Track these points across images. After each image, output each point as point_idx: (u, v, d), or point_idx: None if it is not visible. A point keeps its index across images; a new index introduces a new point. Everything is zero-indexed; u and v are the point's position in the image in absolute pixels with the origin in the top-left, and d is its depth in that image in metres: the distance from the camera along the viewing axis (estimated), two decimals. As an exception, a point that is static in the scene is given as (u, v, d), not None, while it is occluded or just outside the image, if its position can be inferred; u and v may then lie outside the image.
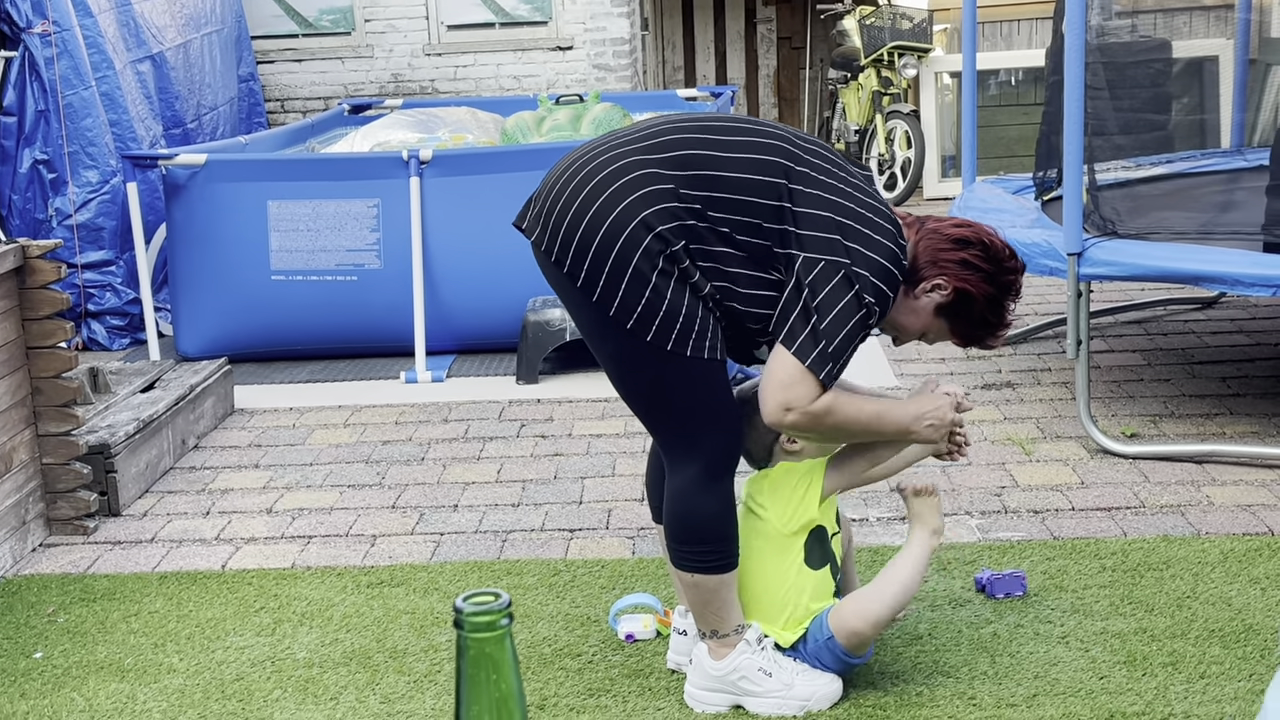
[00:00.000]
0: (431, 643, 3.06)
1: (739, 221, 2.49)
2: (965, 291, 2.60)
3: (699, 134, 2.54)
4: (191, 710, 2.80)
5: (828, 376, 2.46)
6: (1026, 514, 3.65)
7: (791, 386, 2.46)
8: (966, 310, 2.63)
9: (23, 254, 3.67)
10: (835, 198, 2.51)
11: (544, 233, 2.57)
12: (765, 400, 2.50)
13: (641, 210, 2.46)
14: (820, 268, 2.46)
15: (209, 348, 5.51)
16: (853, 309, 2.46)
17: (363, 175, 5.60)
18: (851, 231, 2.48)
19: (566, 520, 3.77)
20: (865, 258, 2.47)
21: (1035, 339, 5.42)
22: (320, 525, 3.82)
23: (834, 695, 2.69)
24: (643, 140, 2.55)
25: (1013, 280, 2.65)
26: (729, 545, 2.62)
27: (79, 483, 3.80)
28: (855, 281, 2.46)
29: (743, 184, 2.49)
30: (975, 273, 2.61)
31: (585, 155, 2.58)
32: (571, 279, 2.53)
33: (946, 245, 2.61)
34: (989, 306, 2.64)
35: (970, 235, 2.63)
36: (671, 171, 2.49)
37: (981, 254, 2.62)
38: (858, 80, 9.22)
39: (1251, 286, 3.83)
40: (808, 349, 2.45)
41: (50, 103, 5.89)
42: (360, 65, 9.09)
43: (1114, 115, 4.79)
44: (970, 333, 2.69)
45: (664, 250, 2.46)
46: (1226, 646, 2.86)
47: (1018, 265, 2.67)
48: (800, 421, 2.49)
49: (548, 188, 2.60)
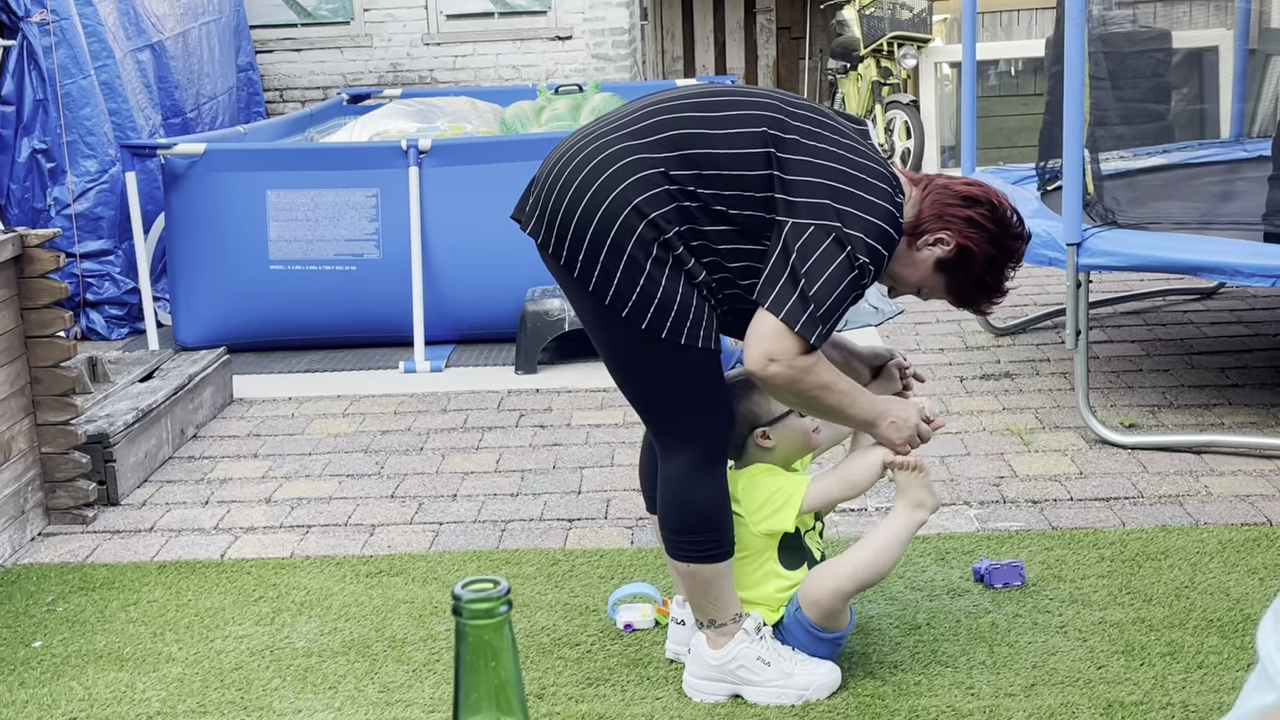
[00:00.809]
0: (430, 632, 3.06)
1: (730, 195, 2.47)
2: (967, 249, 2.58)
3: (686, 112, 2.53)
4: (190, 699, 2.81)
5: (817, 339, 2.43)
6: (1025, 504, 3.65)
7: (777, 339, 2.42)
8: (966, 269, 2.61)
9: (21, 243, 3.67)
10: (826, 161, 2.48)
11: (539, 226, 2.56)
12: (749, 351, 2.45)
13: (633, 197, 2.45)
14: (809, 232, 2.43)
15: (208, 337, 5.51)
16: (844, 270, 2.43)
17: (361, 165, 5.59)
18: (843, 194, 2.46)
19: (565, 510, 3.77)
20: (858, 219, 2.45)
21: (1034, 329, 5.42)
22: (319, 515, 3.82)
23: (832, 684, 2.70)
24: (630, 125, 2.54)
25: (1016, 245, 2.63)
26: (724, 534, 2.62)
27: (78, 472, 3.80)
28: (847, 243, 2.43)
29: (732, 158, 2.48)
30: (980, 231, 2.59)
31: (574, 146, 2.57)
32: (569, 270, 2.53)
33: (955, 201, 2.59)
34: (989, 267, 2.62)
35: (980, 194, 2.62)
36: (660, 154, 2.48)
37: (988, 214, 2.60)
38: (857, 70, 9.21)
39: (1251, 277, 3.83)
40: (797, 313, 2.41)
41: (49, 92, 5.89)
42: (359, 55, 9.08)
43: (1115, 105, 4.78)
44: (966, 293, 2.67)
45: (658, 238, 2.45)
46: (1224, 636, 2.86)
47: (1023, 232, 2.65)
48: (781, 374, 2.43)
49: (541, 180, 2.59)
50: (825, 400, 2.52)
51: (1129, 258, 4.03)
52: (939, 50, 8.93)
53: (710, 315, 2.52)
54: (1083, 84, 4.01)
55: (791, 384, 2.46)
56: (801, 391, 2.49)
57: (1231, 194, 5.00)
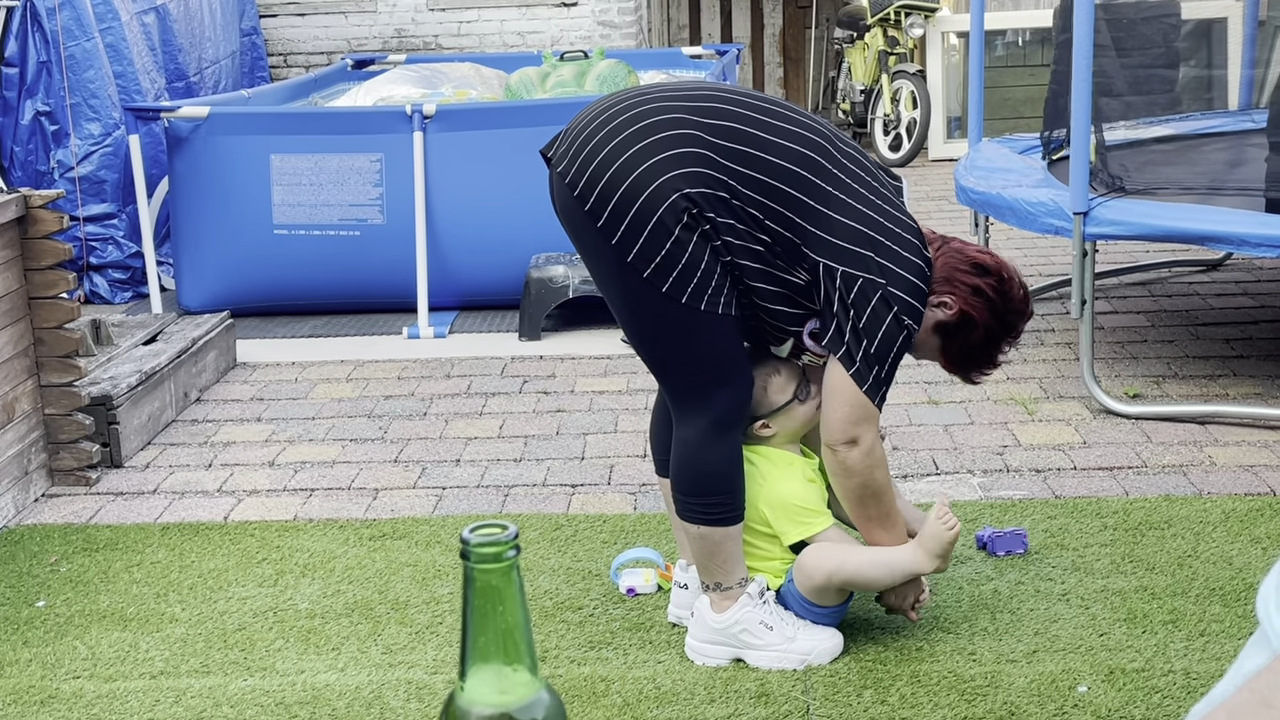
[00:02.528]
0: (433, 595, 3.06)
1: (769, 207, 2.47)
2: (969, 316, 2.59)
3: (745, 109, 2.52)
4: (194, 659, 2.81)
5: (880, 400, 2.51)
6: (1029, 473, 3.65)
7: (860, 423, 2.51)
8: (963, 335, 2.62)
9: (25, 204, 3.66)
10: (867, 210, 2.49)
11: (572, 165, 2.52)
12: (831, 424, 2.52)
13: (675, 168, 2.44)
14: (859, 286, 2.45)
15: (211, 301, 5.50)
16: (895, 332, 2.48)
17: (366, 130, 5.57)
18: (883, 248, 2.48)
19: (568, 475, 3.77)
20: (898, 276, 2.47)
21: (1039, 300, 5.40)
22: (322, 478, 3.83)
23: (835, 649, 2.70)
24: (691, 100, 2.52)
25: (1017, 321, 2.65)
26: (736, 497, 2.62)
27: (81, 434, 3.80)
28: (893, 303, 2.47)
29: (779, 170, 2.47)
30: (984, 301, 2.60)
31: (630, 99, 2.54)
32: (593, 217, 2.50)
33: (965, 267, 2.60)
34: (986, 338, 2.63)
35: (990, 264, 2.62)
36: (713, 139, 2.46)
37: (996, 285, 2.61)
38: (864, 40, 9.17)
39: (1258, 247, 3.81)
40: (864, 374, 2.48)
41: (52, 54, 5.86)
42: (363, 20, 9.03)
43: (1121, 74, 4.75)
44: (959, 359, 2.68)
45: (690, 209, 2.44)
46: (1227, 605, 2.86)
47: (1027, 310, 2.66)
48: (857, 461, 2.53)
49: (585, 122, 2.55)
50: (871, 508, 2.62)
51: (1136, 227, 4.01)
52: (946, 20, 8.88)
53: (732, 284, 2.51)
54: (1091, 53, 3.99)
55: (852, 475, 2.57)
56: (866, 486, 2.58)
57: (1239, 163, 4.98)
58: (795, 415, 2.73)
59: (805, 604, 2.70)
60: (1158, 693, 2.54)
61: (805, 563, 2.66)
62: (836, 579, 2.64)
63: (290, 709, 2.61)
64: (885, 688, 2.59)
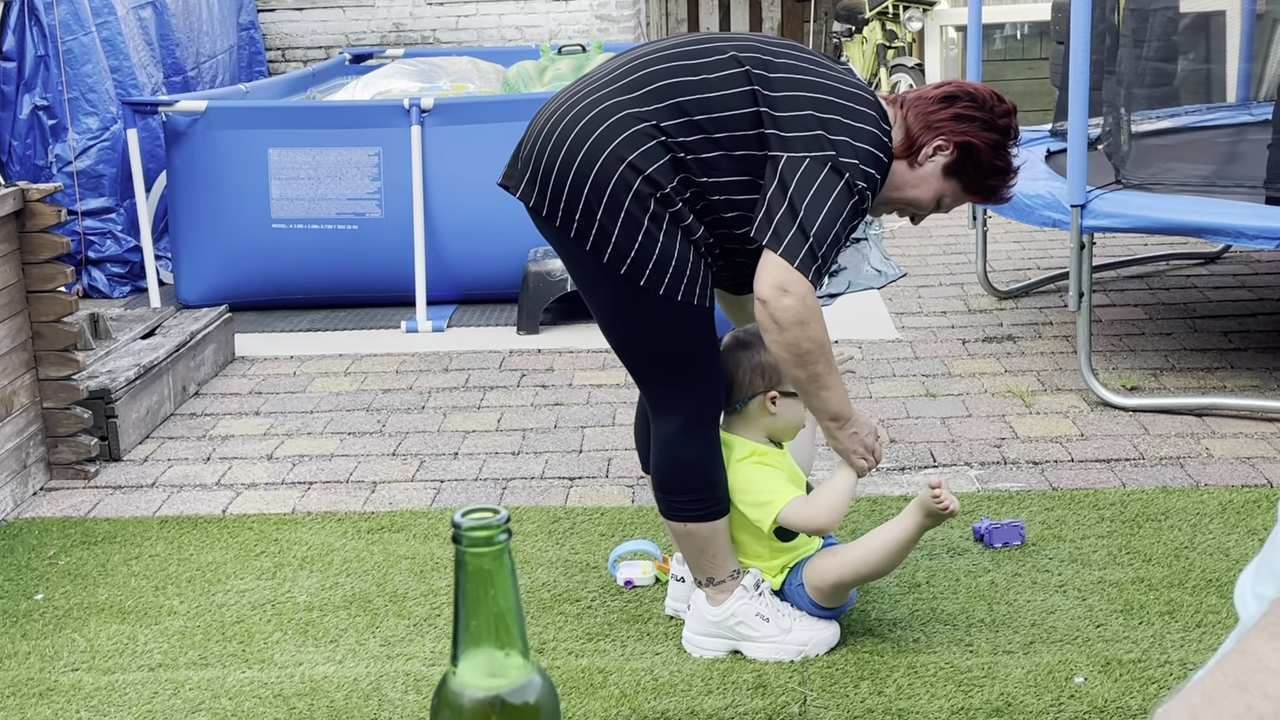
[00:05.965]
0: (431, 587, 3.07)
1: (722, 138, 2.46)
2: (968, 144, 2.60)
3: (669, 62, 2.52)
4: (192, 651, 2.82)
5: (815, 274, 2.40)
6: (1026, 465, 3.66)
7: (790, 272, 2.38)
8: (973, 163, 2.62)
9: (23, 197, 3.66)
10: (813, 93, 2.48)
11: (531, 189, 2.55)
12: (760, 283, 2.41)
13: (627, 153, 2.44)
14: (806, 165, 2.42)
15: (209, 296, 5.50)
16: (844, 198, 2.43)
17: (364, 124, 5.57)
18: (833, 123, 2.46)
19: (566, 468, 3.78)
20: (850, 145, 2.45)
21: (1037, 293, 5.40)
22: (321, 471, 3.83)
23: (831, 640, 2.70)
24: (616, 81, 2.52)
25: (1008, 121, 2.65)
26: (717, 492, 2.62)
27: (79, 427, 3.80)
28: (844, 171, 2.43)
29: (720, 100, 2.47)
30: (971, 123, 2.60)
31: (561, 107, 2.55)
32: (564, 231, 2.51)
33: (935, 106, 2.61)
34: (994, 153, 2.63)
35: (954, 90, 2.64)
36: (650, 107, 2.46)
37: (971, 104, 2.62)
38: (862, 33, 9.16)
39: (1256, 239, 3.82)
40: (796, 247, 2.39)
41: (50, 48, 5.86)
42: (361, 14, 9.03)
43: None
44: (983, 185, 2.67)
45: (654, 193, 2.44)
46: (1224, 596, 2.86)
47: (1008, 106, 2.67)
48: (793, 309, 2.38)
49: (529, 143, 2.58)
50: (815, 364, 2.45)
51: (1133, 219, 4.01)
52: (944, 13, 8.88)
53: (706, 272, 2.51)
54: (1089, 45, 3.99)
55: (796, 322, 2.39)
56: (803, 338, 2.41)
57: (1237, 157, 4.98)
58: (801, 408, 2.71)
59: (816, 607, 2.71)
60: (1154, 683, 2.54)
61: (811, 577, 2.69)
62: (846, 580, 2.66)
63: (288, 701, 2.62)
64: (882, 679, 2.60)
